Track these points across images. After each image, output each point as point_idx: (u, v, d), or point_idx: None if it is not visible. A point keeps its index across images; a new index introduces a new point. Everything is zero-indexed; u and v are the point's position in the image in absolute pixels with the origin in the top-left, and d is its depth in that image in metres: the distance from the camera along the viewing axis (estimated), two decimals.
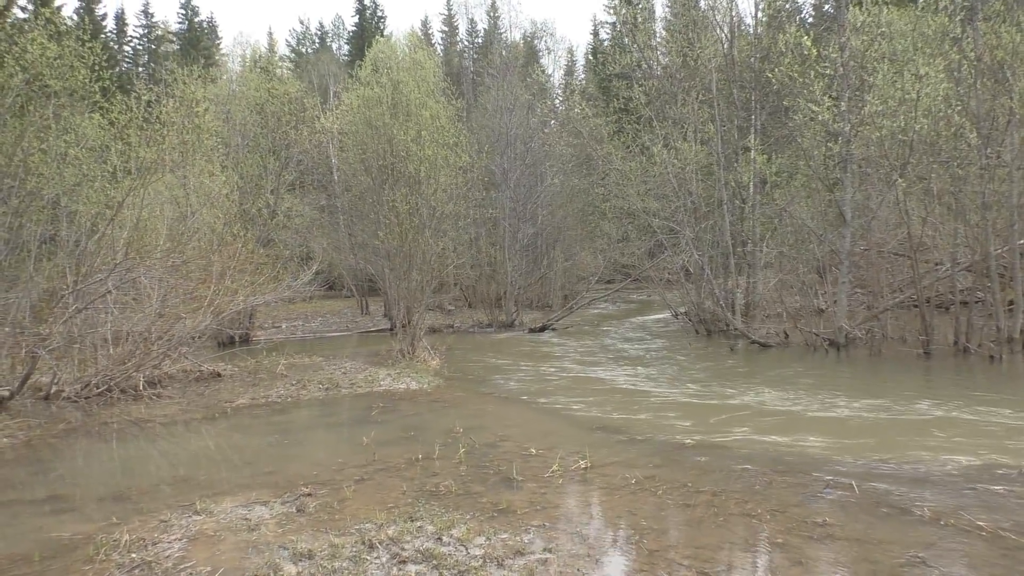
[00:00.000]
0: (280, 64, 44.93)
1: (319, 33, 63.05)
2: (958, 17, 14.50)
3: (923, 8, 15.91)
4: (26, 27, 13.74)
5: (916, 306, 15.29)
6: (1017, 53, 13.67)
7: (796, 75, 16.02)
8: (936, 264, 16.42)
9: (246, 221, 19.11)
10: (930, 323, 14.35)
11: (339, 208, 28.33)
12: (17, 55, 12.53)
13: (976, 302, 14.99)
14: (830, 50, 16.44)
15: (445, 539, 5.28)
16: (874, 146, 15.96)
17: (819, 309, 17.99)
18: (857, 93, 16.06)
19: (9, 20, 13.66)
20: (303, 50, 59.19)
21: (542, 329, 22.39)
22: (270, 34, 62.40)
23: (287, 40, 61.83)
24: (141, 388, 12.44)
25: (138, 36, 56.02)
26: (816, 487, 6.28)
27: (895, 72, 15.40)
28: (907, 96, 14.40)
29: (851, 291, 16.68)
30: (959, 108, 14.45)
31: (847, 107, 15.92)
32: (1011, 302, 14.19)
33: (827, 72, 16.29)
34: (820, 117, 15.68)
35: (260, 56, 38.73)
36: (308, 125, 25.21)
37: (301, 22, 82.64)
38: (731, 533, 5.25)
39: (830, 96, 16.05)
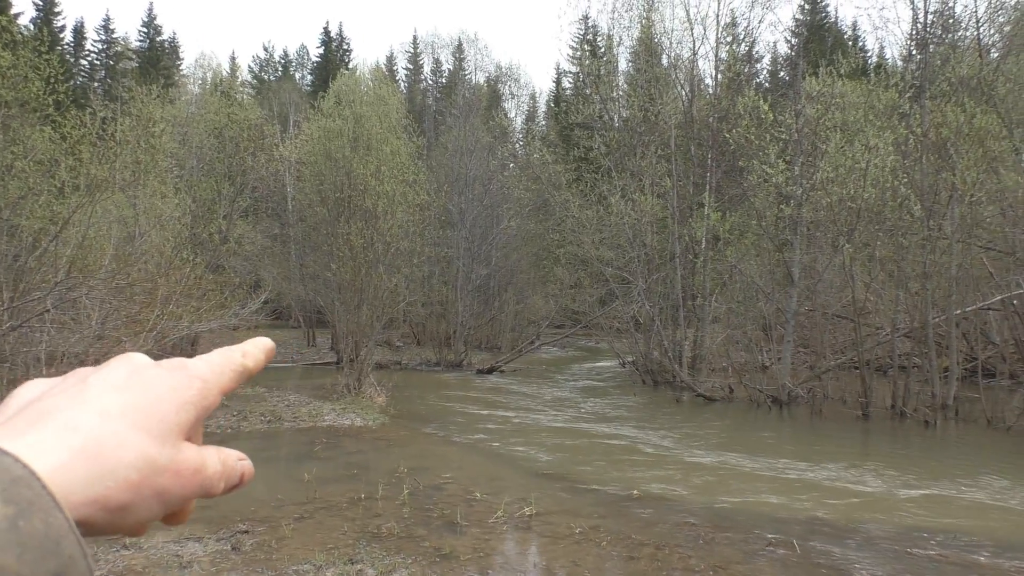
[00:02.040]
0: (241, 89, 44.79)
1: (283, 61, 62.98)
2: (907, 94, 15.15)
3: (875, 83, 16.64)
4: None
5: (857, 368, 15.65)
6: (960, 132, 14.29)
7: (752, 137, 16.51)
8: (877, 328, 16.88)
9: (196, 245, 18.75)
10: (870, 386, 14.68)
11: (292, 238, 28.06)
12: None
13: (913, 367, 15.41)
14: (785, 116, 17.02)
15: None
16: (824, 211, 16.47)
17: (764, 366, 18.29)
18: (810, 159, 16.59)
19: None
20: (265, 77, 58.98)
21: (490, 371, 22.30)
22: (233, 58, 62.05)
23: (250, 66, 61.45)
24: None
25: (96, 51, 55.21)
26: (758, 544, 6.32)
27: (846, 141, 16.01)
28: (857, 165, 14.94)
29: (795, 350, 17.02)
30: (905, 180, 15.03)
31: (800, 172, 16.42)
32: (946, 369, 14.62)
33: (782, 136, 16.83)
34: (773, 179, 16.14)
35: (221, 80, 38.52)
36: (266, 153, 25.05)
37: (265, 49, 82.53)
38: None
39: (784, 160, 16.56)
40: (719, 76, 21.50)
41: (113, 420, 0.37)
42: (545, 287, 29.86)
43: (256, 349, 0.48)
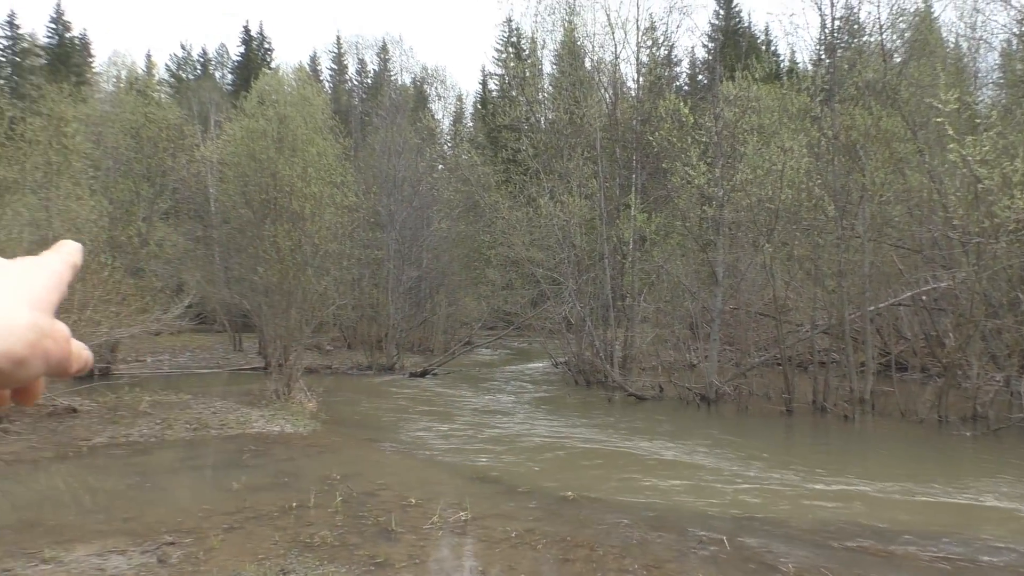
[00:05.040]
0: (159, 88, 43.34)
1: (202, 60, 61.19)
2: (818, 98, 15.72)
3: (788, 87, 17.23)
4: None
5: (779, 365, 16.17)
6: (868, 135, 14.91)
7: (674, 140, 16.89)
8: (798, 325, 17.47)
9: (114, 249, 18.10)
10: (792, 382, 15.18)
11: (216, 240, 27.30)
12: None
13: (832, 363, 16.00)
14: (705, 119, 17.46)
15: None
16: (744, 211, 16.97)
17: (692, 364, 18.71)
18: (729, 161, 17.06)
19: None
20: (184, 76, 57.20)
21: (423, 374, 22.18)
22: (148, 56, 60.01)
23: (167, 64, 59.50)
24: None
25: (1, 48, 52.66)
26: (690, 542, 6.47)
27: (763, 144, 16.53)
28: (774, 167, 15.45)
29: (721, 348, 17.47)
30: (819, 181, 15.60)
31: (720, 173, 16.86)
32: (863, 364, 15.22)
33: (702, 139, 17.27)
34: (696, 181, 16.54)
35: (137, 78, 37.25)
36: (187, 153, 24.35)
37: (183, 47, 79.88)
38: None
39: (705, 162, 16.99)
40: (641, 79, 21.92)
41: (5, 296, 0.48)
42: (477, 288, 29.87)
43: (74, 249, 0.59)
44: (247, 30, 58.07)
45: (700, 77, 43.83)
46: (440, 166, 33.97)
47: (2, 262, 0.52)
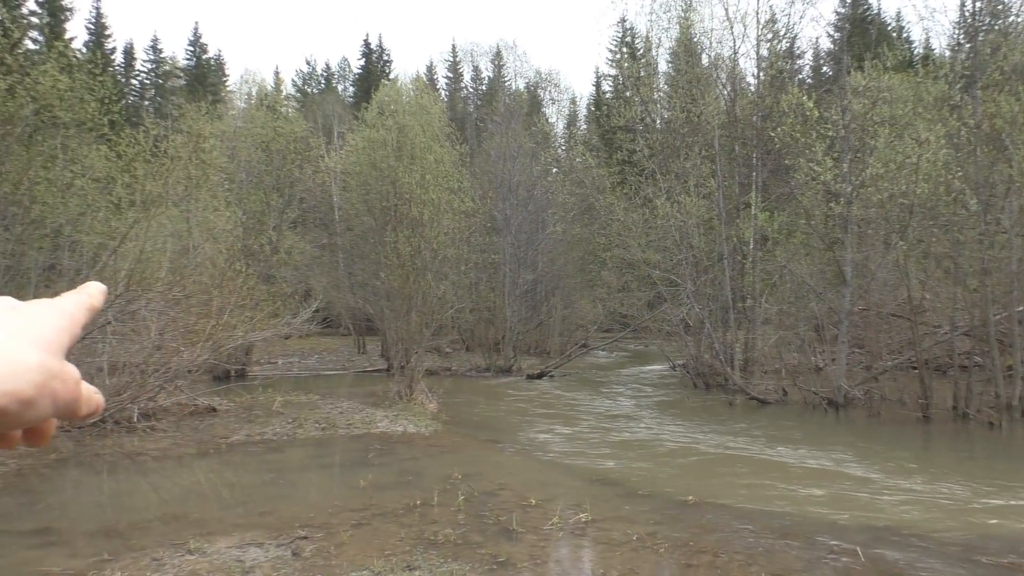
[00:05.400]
0: (286, 103, 45.51)
1: (325, 74, 63.89)
2: (957, 85, 14.78)
3: (923, 75, 16.26)
4: (38, 59, 13.92)
5: (915, 368, 15.29)
6: (1015, 122, 13.90)
7: (798, 135, 16.25)
8: (935, 327, 16.46)
9: (248, 257, 19.12)
10: (929, 386, 14.33)
11: (340, 247, 28.42)
12: (28, 86, 12.64)
13: (975, 366, 14.99)
14: (831, 112, 16.72)
15: None
16: (875, 208, 16.14)
17: (817, 367, 17.98)
18: (858, 155, 16.28)
19: (21, 51, 13.82)
20: (309, 90, 59.90)
21: (540, 375, 22.30)
22: (276, 73, 63.03)
23: (293, 80, 62.49)
24: (135, 420, 12.30)
25: (146, 71, 56.67)
26: (820, 552, 6.21)
27: (895, 136, 15.66)
28: (908, 160, 14.60)
29: (850, 351, 16.69)
30: (959, 174, 14.65)
31: (848, 169, 16.12)
32: (1010, 368, 14.20)
33: (828, 134, 16.54)
34: (821, 177, 15.85)
35: (266, 94, 39.24)
36: (312, 164, 25.44)
37: (307, 63, 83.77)
38: None
39: (831, 157, 16.26)
40: (761, 74, 21.25)
41: (13, 337, 0.48)
42: (592, 291, 29.78)
43: (95, 291, 0.59)
44: (367, 43, 60.20)
45: (825, 69, 42.07)
46: (555, 169, 34.09)
47: (15, 303, 0.52)
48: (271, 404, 14.89)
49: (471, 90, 63.77)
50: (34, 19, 37.50)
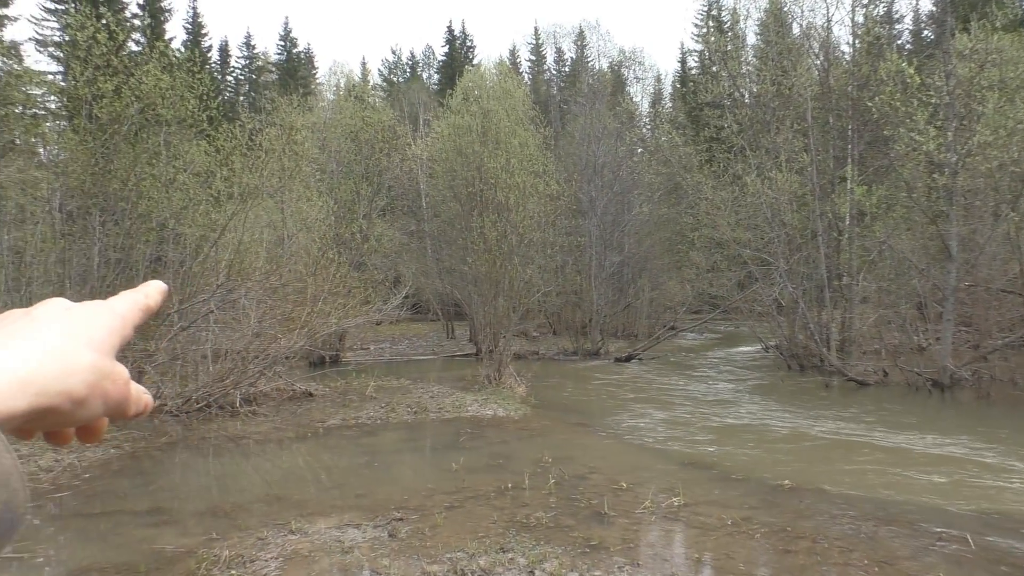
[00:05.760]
0: (373, 93, 46.32)
1: (410, 62, 64.80)
2: None
3: None
4: (140, 60, 14.57)
5: None
6: None
7: (897, 104, 15.49)
8: None
9: (340, 245, 19.63)
10: None
11: (427, 233, 28.84)
12: (133, 86, 13.27)
13: None
14: (934, 78, 15.86)
15: (537, 573, 5.23)
16: (983, 178, 15.28)
17: (920, 347, 17.22)
18: (964, 122, 15.41)
19: (125, 53, 14.51)
20: (395, 79, 60.89)
21: (628, 359, 22.13)
22: (363, 64, 64.38)
23: (379, 69, 63.66)
24: (238, 405, 12.83)
25: (240, 67, 58.70)
26: (926, 539, 5.96)
27: (1006, 101, 14.74)
28: (1020, 126, 13.74)
29: (956, 329, 15.90)
30: None
31: (953, 137, 15.28)
32: None
33: (931, 101, 15.70)
34: (924, 147, 15.07)
35: (354, 85, 39.99)
36: (399, 152, 25.85)
37: (393, 52, 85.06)
38: None
39: (935, 126, 15.44)
40: (856, 42, 20.30)
41: (68, 337, 0.49)
42: (680, 272, 29.33)
43: (154, 291, 0.59)
44: (450, 30, 60.67)
45: (926, 33, 40.01)
46: (640, 149, 33.63)
47: (69, 305, 0.53)
48: (364, 389, 15.27)
49: (554, 72, 63.47)
50: (136, 21, 39.38)
